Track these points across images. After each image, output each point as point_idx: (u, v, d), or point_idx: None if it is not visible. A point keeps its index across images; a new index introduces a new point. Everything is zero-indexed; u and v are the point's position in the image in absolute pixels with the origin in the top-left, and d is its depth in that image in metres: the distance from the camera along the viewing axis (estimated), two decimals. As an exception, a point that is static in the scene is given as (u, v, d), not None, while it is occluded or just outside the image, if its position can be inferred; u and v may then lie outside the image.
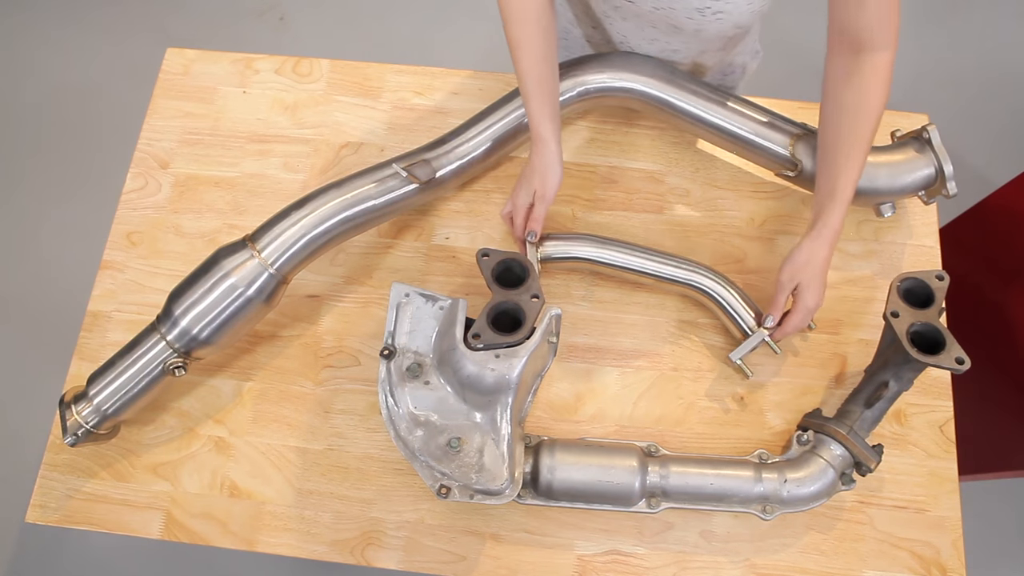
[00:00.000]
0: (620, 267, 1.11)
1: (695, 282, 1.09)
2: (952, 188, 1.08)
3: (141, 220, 1.22)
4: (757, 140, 1.11)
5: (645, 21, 1.05)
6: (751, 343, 1.05)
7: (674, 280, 1.10)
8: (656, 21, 1.03)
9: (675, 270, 1.10)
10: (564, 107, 1.14)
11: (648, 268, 1.10)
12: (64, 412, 1.00)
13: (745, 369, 1.07)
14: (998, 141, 2.29)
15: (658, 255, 1.11)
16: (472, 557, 1.03)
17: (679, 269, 1.10)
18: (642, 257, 1.11)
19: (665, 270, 1.10)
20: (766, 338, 1.05)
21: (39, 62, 2.45)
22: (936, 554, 1.03)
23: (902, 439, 1.08)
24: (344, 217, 1.02)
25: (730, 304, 1.08)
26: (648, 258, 1.11)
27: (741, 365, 1.07)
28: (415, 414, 0.96)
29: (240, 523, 1.05)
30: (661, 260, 1.10)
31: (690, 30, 1.01)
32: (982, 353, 1.22)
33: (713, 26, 0.98)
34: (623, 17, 1.07)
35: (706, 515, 1.04)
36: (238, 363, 1.13)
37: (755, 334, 1.05)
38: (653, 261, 1.10)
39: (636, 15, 1.03)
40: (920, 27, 2.45)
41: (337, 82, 1.30)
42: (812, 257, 0.98)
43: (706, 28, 0.99)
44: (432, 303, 1.00)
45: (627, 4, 1.01)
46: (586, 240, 1.12)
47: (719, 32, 1.00)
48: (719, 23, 0.97)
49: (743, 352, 1.06)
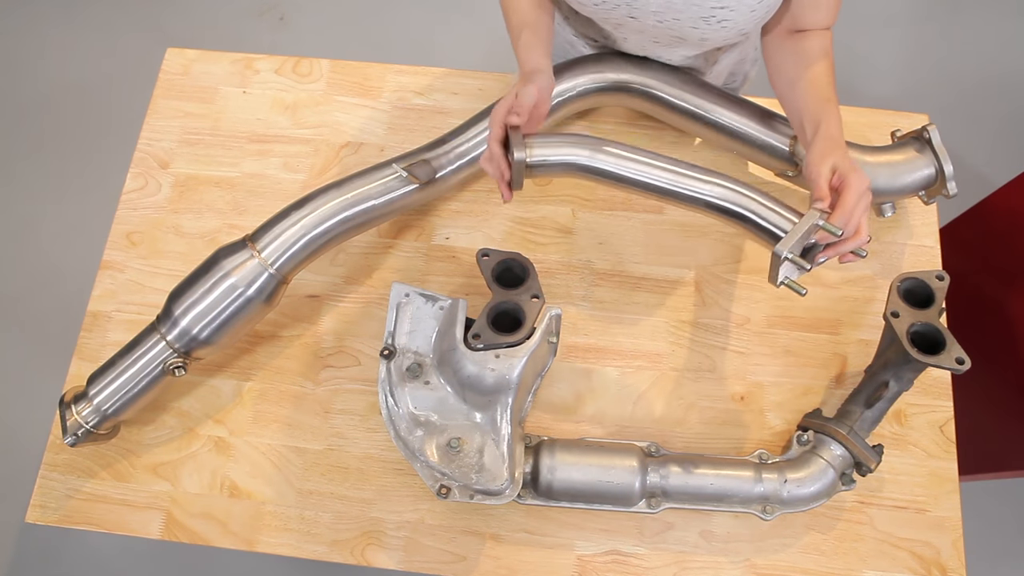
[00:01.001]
0: (620, 177, 0.94)
1: (715, 197, 0.91)
2: (952, 188, 1.08)
3: (141, 220, 1.22)
4: (757, 140, 1.11)
5: (648, 36, 1.04)
6: (802, 227, 0.83)
7: (693, 197, 0.92)
8: (659, 35, 1.02)
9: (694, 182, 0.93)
10: (564, 107, 1.14)
11: (658, 180, 0.93)
12: (64, 412, 1.00)
13: (795, 286, 0.87)
14: (998, 141, 2.29)
15: (673, 163, 0.94)
16: (472, 557, 1.03)
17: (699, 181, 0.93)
18: (651, 164, 0.93)
19: (681, 183, 0.92)
20: (820, 221, 0.83)
21: (39, 62, 2.45)
22: (936, 554, 1.03)
23: (902, 439, 1.08)
24: (344, 217, 1.02)
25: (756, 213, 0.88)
26: (659, 165, 0.93)
27: (791, 284, 0.87)
28: (415, 414, 0.96)
29: (240, 523, 1.05)
30: (675, 169, 0.93)
31: (695, 39, 1.00)
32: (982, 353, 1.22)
33: (718, 34, 0.98)
34: (624, 36, 1.07)
35: (706, 515, 1.04)
36: (238, 363, 1.13)
37: (806, 215, 0.84)
38: (665, 170, 0.93)
39: (639, 31, 1.03)
40: (920, 27, 2.45)
41: (337, 82, 1.30)
42: (833, 144, 0.88)
43: (711, 36, 0.98)
44: (432, 303, 1.00)
45: (629, 20, 1.00)
46: (580, 142, 0.93)
47: (724, 40, 1.00)
48: (724, 31, 0.97)
49: (793, 241, 0.83)
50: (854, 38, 2.37)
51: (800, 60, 0.97)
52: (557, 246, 1.18)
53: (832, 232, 0.83)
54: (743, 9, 0.93)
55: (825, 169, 0.86)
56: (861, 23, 2.41)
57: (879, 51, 2.41)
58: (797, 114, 0.96)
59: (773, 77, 1.02)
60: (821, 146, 0.88)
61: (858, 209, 0.84)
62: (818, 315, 1.14)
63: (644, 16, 0.98)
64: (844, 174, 0.85)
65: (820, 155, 0.87)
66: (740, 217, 0.93)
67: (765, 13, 0.96)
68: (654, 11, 0.96)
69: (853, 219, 0.84)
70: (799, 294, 0.87)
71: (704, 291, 1.16)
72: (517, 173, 0.92)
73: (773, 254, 0.85)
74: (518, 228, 1.20)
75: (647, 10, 0.96)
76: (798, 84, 0.96)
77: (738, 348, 1.13)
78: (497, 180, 0.94)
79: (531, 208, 1.21)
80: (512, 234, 1.19)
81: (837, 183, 0.86)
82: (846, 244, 0.86)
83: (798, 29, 0.99)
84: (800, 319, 1.14)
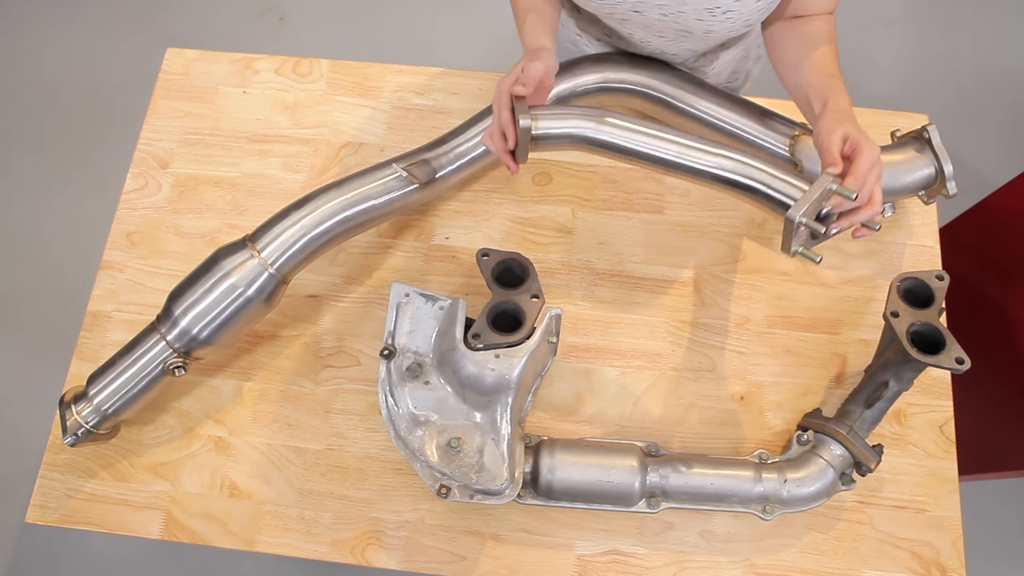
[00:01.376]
0: (626, 150, 0.93)
1: (722, 169, 0.90)
2: (952, 188, 1.08)
3: (141, 220, 1.22)
4: (757, 140, 1.11)
5: (653, 31, 1.04)
6: (815, 192, 0.82)
7: (699, 169, 0.91)
8: (664, 29, 1.02)
9: (700, 154, 0.92)
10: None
11: (664, 152, 0.91)
12: (64, 412, 1.00)
13: (809, 254, 0.85)
14: (998, 141, 2.29)
15: (679, 135, 0.93)
16: (472, 557, 1.03)
17: (705, 153, 0.92)
18: (657, 137, 0.91)
19: (687, 155, 0.91)
20: (833, 186, 0.82)
21: (39, 62, 2.45)
22: (936, 554, 1.03)
23: (902, 439, 1.08)
24: (344, 217, 1.02)
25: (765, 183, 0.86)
26: (666, 137, 0.92)
27: (805, 252, 0.85)
28: (415, 414, 0.96)
29: (240, 523, 1.05)
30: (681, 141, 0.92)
31: (700, 32, 1.00)
32: (982, 353, 1.22)
33: (724, 26, 0.98)
34: (629, 31, 1.07)
35: (706, 515, 1.04)
36: (238, 363, 1.13)
37: (819, 180, 0.83)
38: (671, 142, 0.91)
39: (643, 25, 1.03)
40: (920, 27, 2.45)
41: (337, 82, 1.30)
42: (842, 116, 0.87)
43: (717, 28, 0.98)
44: (432, 303, 1.00)
45: (634, 15, 1.00)
46: (586, 114, 0.92)
47: (729, 31, 1.00)
48: (730, 22, 0.97)
49: (806, 205, 0.81)
50: (854, 38, 2.37)
51: (804, 42, 0.97)
52: (557, 246, 1.19)
53: (847, 195, 0.81)
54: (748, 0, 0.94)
55: (836, 138, 0.84)
56: (861, 23, 2.41)
57: (879, 51, 2.41)
58: (803, 93, 0.94)
59: (777, 64, 1.02)
60: (831, 118, 0.87)
61: (872, 175, 0.83)
62: (818, 315, 1.14)
63: (649, 10, 0.98)
64: (856, 141, 0.84)
65: (831, 125, 0.86)
66: (748, 188, 0.91)
67: (769, 3, 0.96)
68: (659, 4, 0.96)
69: (867, 185, 0.82)
70: (814, 262, 0.85)
71: (703, 291, 1.16)
72: (523, 143, 0.91)
73: (786, 220, 0.83)
74: (518, 228, 1.20)
75: (652, 3, 0.96)
76: (803, 64, 0.95)
77: (738, 348, 1.13)
78: (500, 153, 0.93)
79: (531, 208, 1.21)
80: (512, 234, 1.19)
81: (849, 150, 0.84)
82: (860, 213, 0.84)
83: (801, 15, 0.99)
84: (800, 319, 1.14)
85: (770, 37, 1.04)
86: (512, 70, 0.91)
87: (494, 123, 0.92)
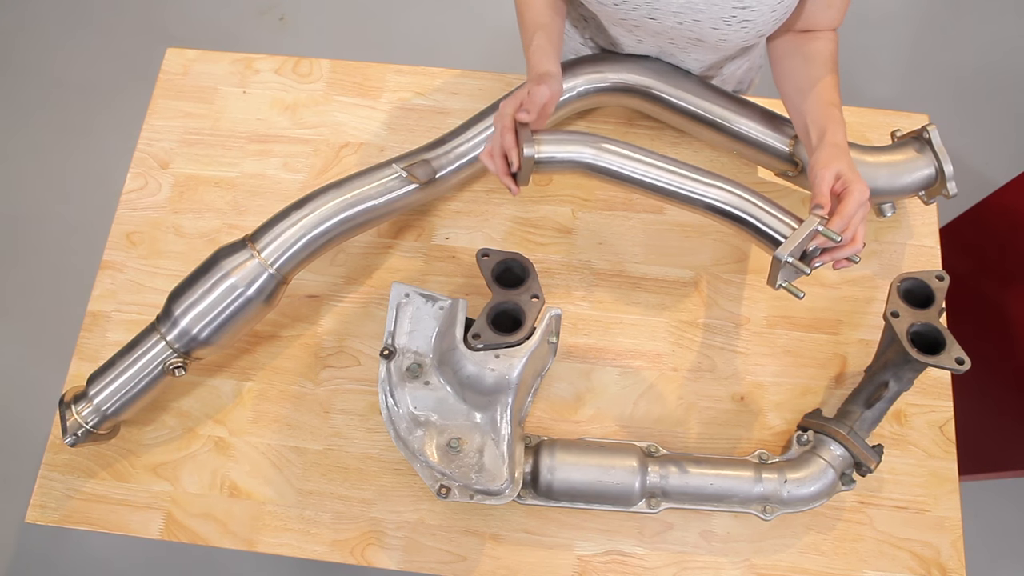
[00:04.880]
0: (623, 177, 0.96)
1: (716, 200, 0.93)
2: (952, 188, 1.08)
3: (141, 220, 1.22)
4: (757, 140, 1.11)
5: (665, 39, 1.03)
6: (801, 233, 0.85)
7: (694, 199, 0.94)
8: (676, 37, 1.02)
9: (695, 184, 0.94)
10: (564, 107, 1.14)
11: (660, 180, 0.94)
12: (64, 412, 1.00)
13: (793, 290, 0.89)
14: (998, 141, 2.29)
15: (676, 165, 0.96)
16: (472, 557, 1.03)
17: (701, 184, 0.94)
18: (653, 165, 0.94)
19: (683, 184, 0.93)
20: (819, 227, 0.85)
21: (39, 62, 2.45)
22: (936, 554, 1.03)
23: (902, 439, 1.08)
24: (344, 217, 1.02)
25: (756, 217, 0.89)
26: (662, 166, 0.94)
27: (789, 287, 0.89)
28: (415, 414, 0.96)
29: (240, 523, 1.05)
30: (677, 171, 0.94)
31: (713, 41, 1.00)
32: (982, 353, 1.22)
33: (737, 35, 0.97)
34: (639, 39, 1.07)
35: (706, 515, 1.04)
36: (238, 363, 1.13)
37: (806, 221, 0.86)
38: (667, 171, 0.94)
39: (656, 32, 1.02)
40: (920, 27, 2.45)
41: (337, 82, 1.30)
42: (838, 152, 0.89)
43: (730, 38, 0.98)
44: (432, 303, 1.00)
45: (648, 22, 0.99)
46: (585, 140, 0.95)
47: (742, 41, 1.00)
48: (744, 31, 0.97)
49: (793, 245, 0.85)
50: (854, 38, 2.37)
51: (808, 64, 0.98)
52: (557, 246, 1.19)
53: (831, 238, 0.85)
54: (764, 9, 0.93)
55: (829, 174, 0.87)
56: (861, 23, 2.41)
57: (879, 51, 2.41)
58: (802, 118, 0.97)
59: (779, 81, 1.02)
60: (827, 152, 0.89)
61: (856, 217, 0.86)
62: (818, 315, 1.14)
63: (664, 17, 0.97)
64: (848, 182, 0.87)
65: (825, 160, 0.88)
66: (740, 220, 0.94)
67: (784, 13, 0.96)
68: (674, 11, 0.95)
69: (851, 226, 0.86)
70: (797, 297, 0.89)
71: (704, 291, 1.16)
72: (526, 169, 0.92)
73: (774, 258, 0.87)
74: (518, 228, 1.20)
75: (667, 10, 0.96)
76: (805, 90, 0.96)
77: (738, 348, 1.13)
78: (501, 175, 0.94)
79: (531, 208, 1.21)
80: (512, 234, 1.19)
81: (840, 189, 0.87)
82: (842, 250, 0.88)
83: (806, 29, 0.99)
84: (800, 319, 1.14)
85: (774, 51, 1.04)
86: (516, 93, 0.92)
87: (495, 143, 0.93)
